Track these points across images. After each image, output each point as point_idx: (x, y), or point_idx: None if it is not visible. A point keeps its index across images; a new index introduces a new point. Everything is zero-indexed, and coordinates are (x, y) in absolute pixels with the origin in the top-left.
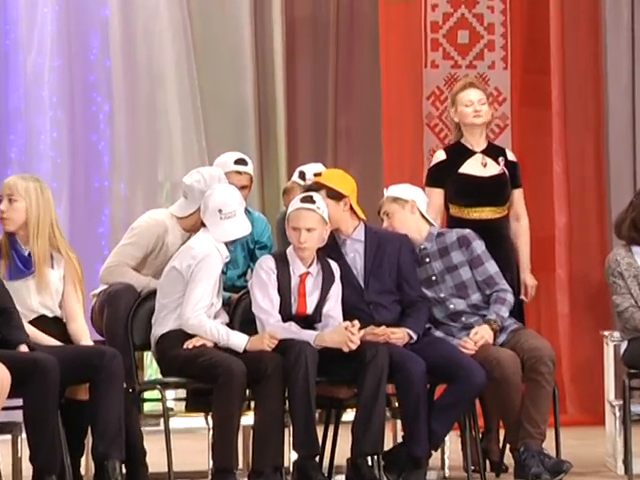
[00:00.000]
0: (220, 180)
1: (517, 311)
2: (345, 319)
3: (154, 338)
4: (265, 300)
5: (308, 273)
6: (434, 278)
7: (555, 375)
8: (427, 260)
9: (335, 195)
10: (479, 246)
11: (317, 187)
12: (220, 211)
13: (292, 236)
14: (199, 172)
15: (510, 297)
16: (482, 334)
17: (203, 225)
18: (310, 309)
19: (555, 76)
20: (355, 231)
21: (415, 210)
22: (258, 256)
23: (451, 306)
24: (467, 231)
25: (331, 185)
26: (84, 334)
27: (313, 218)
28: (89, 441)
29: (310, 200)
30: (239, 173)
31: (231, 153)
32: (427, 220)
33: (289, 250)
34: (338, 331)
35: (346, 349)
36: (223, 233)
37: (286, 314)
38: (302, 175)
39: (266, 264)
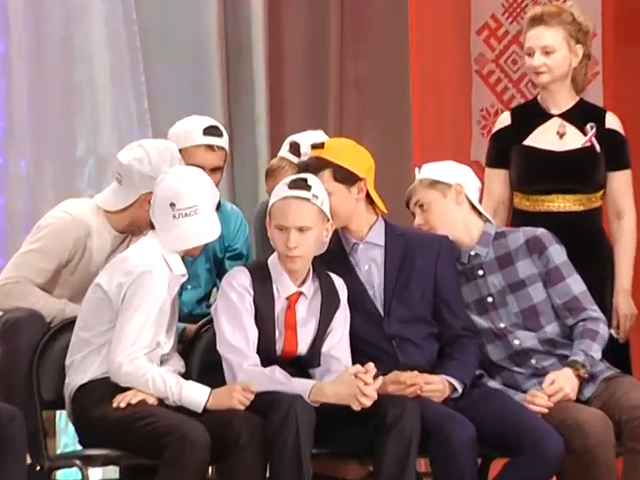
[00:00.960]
0: (173, 159)
1: (615, 351)
2: (355, 362)
3: (70, 390)
4: (236, 334)
5: (300, 294)
6: (490, 300)
7: None
8: (480, 273)
9: (345, 177)
10: (558, 253)
11: (318, 165)
12: (172, 205)
13: (277, 239)
14: (142, 146)
15: (604, 329)
16: (561, 384)
17: (152, 226)
18: (303, 347)
19: None
20: (371, 231)
21: (462, 199)
22: (229, 269)
23: (515, 342)
24: (540, 231)
25: (339, 162)
26: None
27: (308, 212)
28: None
29: (303, 185)
30: (211, 148)
31: (196, 118)
32: (480, 214)
33: (272, 260)
34: (345, 380)
35: (357, 406)
36: (175, 238)
37: (268, 354)
38: (295, 148)
39: (237, 281)
